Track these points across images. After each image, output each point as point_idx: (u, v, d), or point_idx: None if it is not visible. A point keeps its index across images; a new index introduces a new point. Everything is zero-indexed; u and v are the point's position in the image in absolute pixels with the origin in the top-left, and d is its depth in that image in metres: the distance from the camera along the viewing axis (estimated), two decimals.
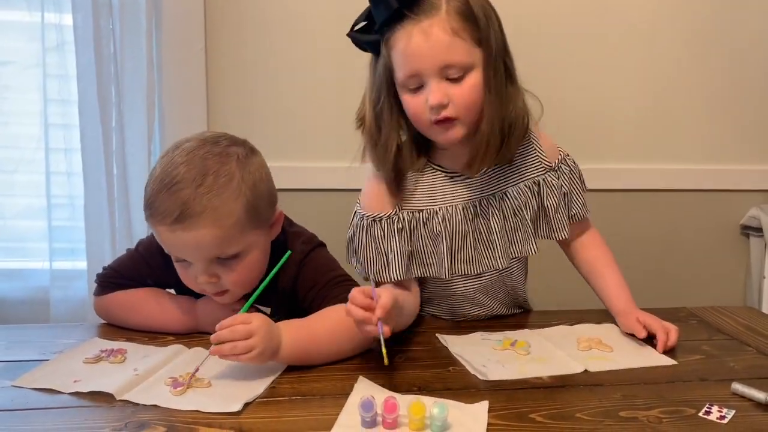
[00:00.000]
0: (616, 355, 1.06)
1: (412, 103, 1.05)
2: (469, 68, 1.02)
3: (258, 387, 0.89)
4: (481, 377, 0.94)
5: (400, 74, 1.04)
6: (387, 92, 1.08)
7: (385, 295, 0.92)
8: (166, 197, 0.97)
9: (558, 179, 1.18)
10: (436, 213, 1.13)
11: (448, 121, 1.04)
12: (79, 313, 1.69)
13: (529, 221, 1.16)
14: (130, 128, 1.65)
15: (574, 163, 1.24)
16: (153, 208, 0.99)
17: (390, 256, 1.12)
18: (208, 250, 1.00)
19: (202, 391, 0.88)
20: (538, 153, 1.18)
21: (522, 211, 1.15)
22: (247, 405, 0.84)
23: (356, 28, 1.08)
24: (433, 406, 0.78)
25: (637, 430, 0.81)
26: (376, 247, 1.13)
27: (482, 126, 1.05)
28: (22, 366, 0.95)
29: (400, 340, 1.09)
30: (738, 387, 0.91)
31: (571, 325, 1.20)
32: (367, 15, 1.07)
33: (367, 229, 1.13)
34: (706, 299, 1.64)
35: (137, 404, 0.84)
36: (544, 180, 1.17)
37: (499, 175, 1.16)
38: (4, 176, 1.74)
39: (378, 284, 1.10)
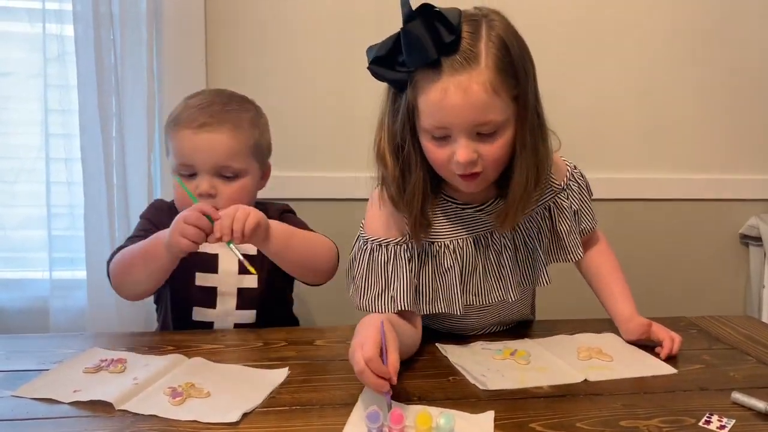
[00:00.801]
0: (616, 364, 1.06)
1: (437, 153, 0.98)
2: (502, 125, 0.96)
3: (257, 397, 0.89)
4: (481, 387, 0.94)
5: (427, 122, 0.96)
6: (411, 135, 1.00)
7: (394, 357, 0.86)
8: (196, 111, 1.18)
9: (567, 199, 1.15)
10: (447, 246, 1.08)
11: (474, 175, 0.99)
12: (79, 323, 1.69)
13: (540, 251, 1.12)
14: (131, 138, 1.65)
15: (581, 175, 1.21)
16: (181, 118, 1.19)
17: (396, 285, 1.04)
18: (219, 155, 1.18)
19: (201, 401, 0.88)
20: (548, 178, 1.11)
21: (534, 241, 1.12)
22: (246, 415, 0.84)
23: (376, 56, 0.97)
24: (439, 416, 0.78)
25: None
26: (379, 274, 1.05)
27: (516, 180, 1.00)
28: (22, 376, 0.95)
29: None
30: (738, 396, 0.91)
31: (572, 334, 1.20)
32: (392, 46, 0.96)
33: (371, 253, 1.07)
34: (706, 308, 1.64)
35: (136, 414, 0.84)
36: (554, 203, 1.13)
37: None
38: (5, 186, 1.74)
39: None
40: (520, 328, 1.24)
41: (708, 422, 0.85)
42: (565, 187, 1.15)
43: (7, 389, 0.90)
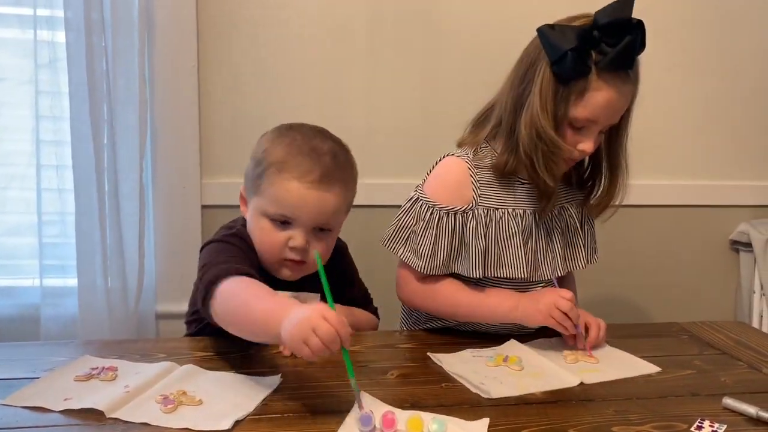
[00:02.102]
0: (603, 365, 1.08)
1: (570, 138, 1.13)
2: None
3: (249, 404, 0.89)
4: (484, 395, 0.94)
5: (583, 111, 1.11)
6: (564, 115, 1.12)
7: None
8: (306, 160, 1.09)
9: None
10: (510, 214, 1.19)
11: (576, 160, 1.18)
12: (70, 331, 1.68)
13: (580, 237, 1.29)
14: (122, 145, 1.65)
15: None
16: (290, 165, 1.09)
17: (465, 251, 1.18)
18: (326, 214, 1.12)
19: (193, 409, 0.87)
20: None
21: (572, 228, 1.27)
22: (238, 422, 0.84)
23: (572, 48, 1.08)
24: (431, 421, 0.78)
25: None
26: (448, 240, 1.18)
27: (614, 166, 1.27)
28: (13, 384, 0.94)
29: (392, 356, 1.09)
30: (729, 402, 0.92)
31: (549, 337, 1.20)
32: (585, 37, 1.08)
33: (440, 219, 1.18)
34: (697, 314, 1.65)
35: (127, 422, 0.83)
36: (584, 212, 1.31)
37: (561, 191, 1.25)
38: None
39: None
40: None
41: (700, 427, 0.86)
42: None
43: None
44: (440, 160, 1.26)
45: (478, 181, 1.19)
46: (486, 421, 0.85)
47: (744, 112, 2.00)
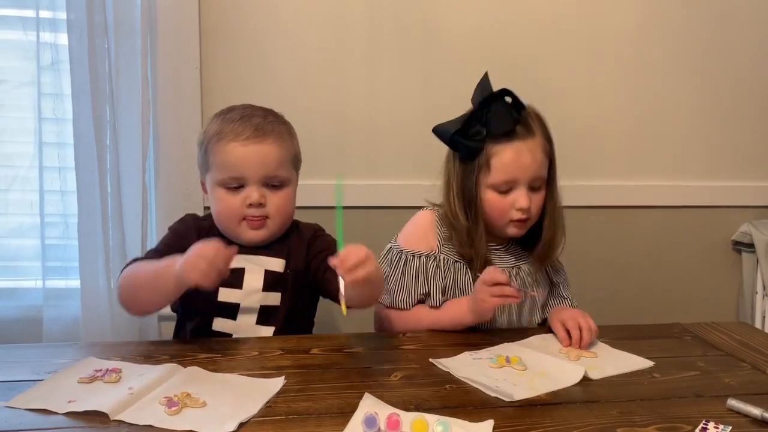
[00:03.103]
0: (601, 361, 1.10)
1: (498, 202, 1.28)
2: (544, 182, 1.30)
3: (253, 406, 0.89)
4: (506, 399, 0.93)
5: (496, 178, 1.26)
6: (477, 191, 1.28)
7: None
8: (238, 123, 1.21)
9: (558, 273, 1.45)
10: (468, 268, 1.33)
11: (524, 221, 1.28)
12: (72, 332, 1.68)
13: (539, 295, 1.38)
14: (125, 147, 1.65)
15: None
16: (225, 132, 1.20)
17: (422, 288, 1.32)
18: (269, 165, 1.20)
19: (197, 411, 0.87)
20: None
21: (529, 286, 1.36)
22: (242, 425, 0.84)
23: (456, 130, 1.27)
24: (436, 423, 0.78)
25: None
26: (412, 277, 1.32)
27: (546, 226, 1.32)
28: (16, 386, 0.94)
29: (395, 358, 1.09)
30: (734, 403, 0.92)
31: (541, 334, 1.23)
32: (467, 122, 1.27)
33: (406, 261, 1.33)
34: (699, 315, 1.65)
35: (132, 424, 0.83)
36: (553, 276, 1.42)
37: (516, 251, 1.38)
38: None
39: None
40: (490, 333, 1.25)
41: (704, 429, 0.86)
42: (562, 272, 1.45)
43: (1, 400, 0.89)
44: (417, 213, 1.42)
45: (442, 234, 1.35)
46: (491, 423, 0.85)
47: (747, 112, 2.00)
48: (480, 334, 1.23)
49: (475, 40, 1.83)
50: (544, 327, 1.31)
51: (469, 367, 1.06)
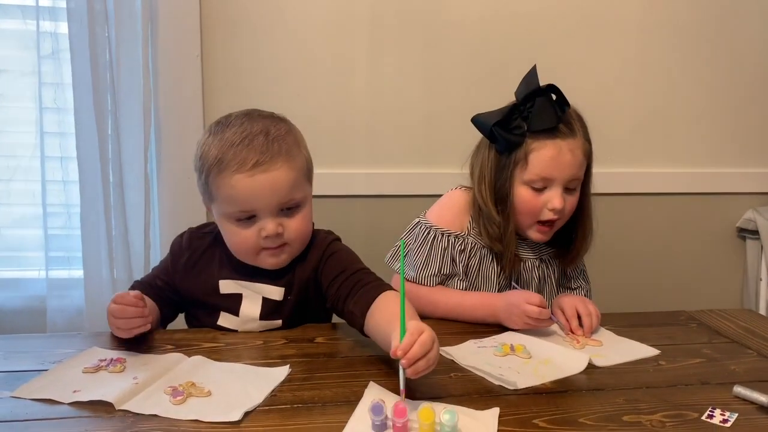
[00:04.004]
0: (606, 349, 1.10)
1: (531, 200, 1.24)
2: (580, 182, 1.27)
3: (258, 395, 0.89)
4: (510, 387, 0.93)
5: (533, 173, 1.22)
6: (511, 186, 1.25)
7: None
8: (239, 149, 1.05)
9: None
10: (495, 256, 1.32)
11: (551, 223, 1.26)
12: (76, 322, 1.68)
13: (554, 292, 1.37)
14: (127, 136, 1.64)
15: None
16: (226, 162, 1.05)
17: (453, 270, 1.31)
18: (281, 192, 1.07)
19: (202, 400, 0.87)
20: None
21: (549, 282, 1.36)
22: (247, 414, 0.84)
23: (496, 121, 1.24)
24: (443, 412, 0.78)
25: None
26: (435, 255, 1.30)
27: (579, 230, 1.33)
28: (21, 376, 0.94)
29: None
30: (740, 390, 0.92)
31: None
32: (508, 114, 1.24)
33: (434, 238, 1.30)
34: (703, 302, 1.64)
35: (137, 414, 0.83)
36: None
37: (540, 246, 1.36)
38: (0, 185, 1.73)
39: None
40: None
41: (711, 416, 0.85)
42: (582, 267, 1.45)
43: (6, 390, 0.89)
44: (450, 191, 1.39)
45: (474, 215, 1.32)
46: (496, 410, 0.85)
47: (751, 99, 1.99)
48: (484, 323, 1.23)
49: (478, 29, 1.82)
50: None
51: (474, 355, 1.06)
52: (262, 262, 1.13)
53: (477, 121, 1.28)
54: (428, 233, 1.31)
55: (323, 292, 1.15)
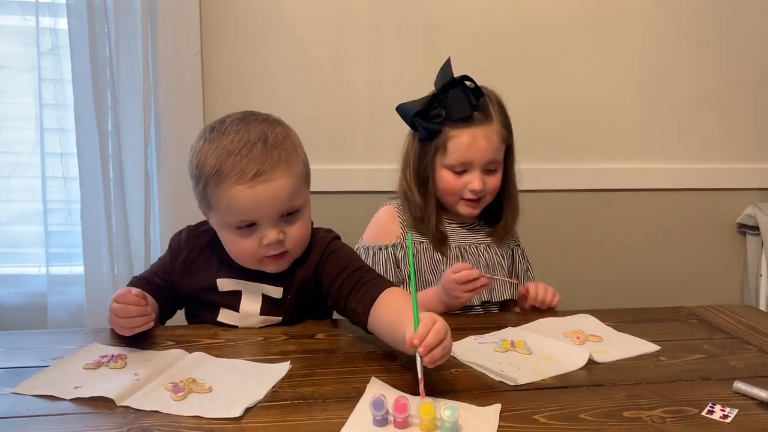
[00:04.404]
0: (606, 345, 1.10)
1: (454, 183, 1.33)
2: (500, 165, 1.35)
3: (259, 391, 0.89)
4: (510, 383, 0.93)
5: (452, 158, 1.31)
6: (431, 171, 1.34)
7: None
8: (238, 159, 1.03)
9: (523, 259, 1.48)
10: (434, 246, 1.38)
11: (476, 201, 1.34)
12: (77, 318, 1.68)
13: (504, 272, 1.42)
14: (126, 132, 1.64)
15: None
16: (224, 173, 1.03)
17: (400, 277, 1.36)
18: (282, 201, 1.06)
19: (203, 397, 0.87)
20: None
21: (497, 263, 1.41)
22: (248, 410, 0.84)
23: (417, 111, 1.32)
24: (444, 408, 0.78)
25: (641, 430, 0.81)
26: (385, 270, 1.34)
27: (505, 208, 1.39)
28: (22, 372, 0.94)
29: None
30: (740, 386, 0.92)
31: (541, 319, 1.22)
32: (429, 104, 1.32)
33: (373, 256, 1.36)
34: (703, 298, 1.64)
35: (138, 410, 0.83)
36: (514, 252, 1.45)
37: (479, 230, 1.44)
38: (0, 181, 1.73)
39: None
40: (498, 316, 1.28)
41: (711, 412, 0.85)
42: (521, 246, 1.48)
43: (7, 386, 0.90)
44: (382, 207, 1.46)
45: (404, 221, 1.40)
46: (498, 407, 0.85)
47: (751, 95, 1.99)
48: (484, 318, 1.23)
49: (478, 26, 1.82)
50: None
51: (474, 351, 1.06)
52: (264, 268, 1.13)
53: (401, 110, 1.35)
54: (368, 253, 1.38)
55: (324, 290, 1.15)
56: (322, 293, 1.15)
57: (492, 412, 0.84)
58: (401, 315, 0.94)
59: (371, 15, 1.77)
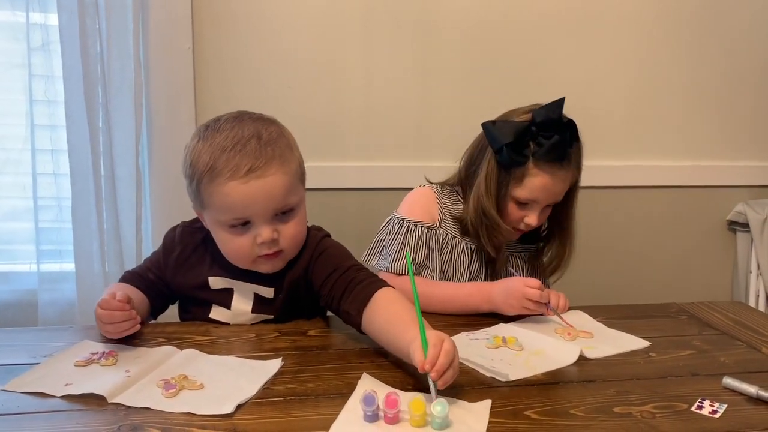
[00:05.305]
0: (597, 341, 1.10)
1: (514, 213, 1.32)
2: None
3: (251, 388, 0.89)
4: (501, 379, 0.94)
5: (522, 193, 1.29)
6: (506, 195, 1.31)
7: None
8: (232, 155, 1.02)
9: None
10: (465, 247, 1.38)
11: (525, 230, 1.35)
12: (68, 316, 1.68)
13: None
14: (118, 129, 1.63)
15: None
16: (218, 169, 1.02)
17: (427, 261, 1.35)
18: (276, 198, 1.05)
19: (195, 393, 0.87)
20: None
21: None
22: (240, 406, 0.84)
23: (508, 143, 1.26)
24: (434, 403, 0.78)
25: (631, 425, 0.82)
26: (415, 246, 1.34)
27: (559, 242, 1.40)
28: (12, 370, 0.93)
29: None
30: (729, 381, 0.92)
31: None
32: (521, 134, 1.26)
33: (408, 230, 1.35)
34: (694, 294, 1.65)
35: (129, 407, 0.83)
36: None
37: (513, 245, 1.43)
38: None
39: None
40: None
41: (700, 407, 0.86)
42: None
43: None
44: (416, 188, 1.45)
45: (442, 209, 1.38)
46: (488, 402, 0.85)
47: (742, 92, 2.00)
48: (476, 315, 1.23)
49: (471, 21, 1.82)
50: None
51: (466, 347, 1.06)
52: (258, 268, 1.12)
53: (488, 130, 1.30)
54: (402, 225, 1.36)
55: (315, 291, 1.14)
56: (314, 293, 1.15)
57: (482, 407, 0.84)
58: (398, 321, 0.95)
59: (363, 12, 1.77)
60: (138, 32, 1.62)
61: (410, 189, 1.44)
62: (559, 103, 1.26)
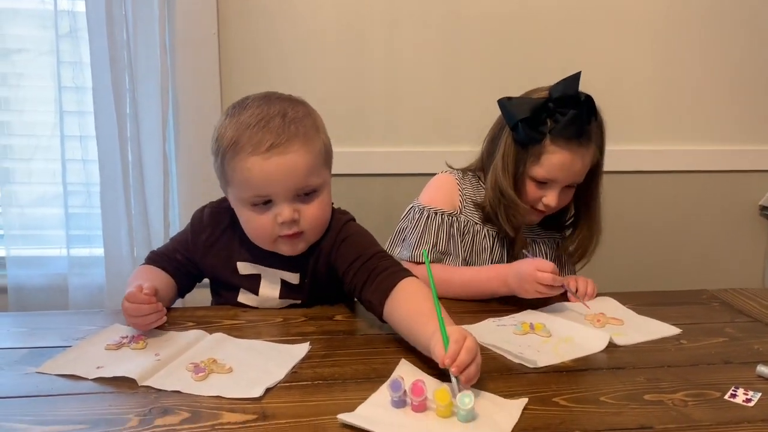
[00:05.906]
0: (627, 328, 1.09)
1: (532, 192, 1.30)
2: (580, 181, 1.31)
3: (279, 372, 0.89)
4: (530, 365, 0.93)
5: (540, 171, 1.26)
6: (524, 173, 1.29)
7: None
8: (255, 131, 1.02)
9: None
10: (486, 233, 1.36)
11: (545, 211, 1.32)
12: (97, 300, 1.70)
13: None
14: (144, 115, 1.65)
15: None
16: (241, 144, 1.03)
17: (448, 249, 1.34)
18: (297, 176, 1.04)
19: (224, 377, 0.88)
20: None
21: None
22: (268, 390, 0.84)
23: (524, 118, 1.24)
24: (462, 395, 0.77)
25: (663, 413, 0.80)
26: (436, 234, 1.33)
27: (584, 225, 1.37)
28: (46, 352, 0.95)
29: None
30: (763, 369, 0.91)
31: (561, 302, 1.21)
32: (537, 109, 1.24)
33: (429, 218, 1.34)
34: (725, 281, 1.63)
35: (160, 390, 0.84)
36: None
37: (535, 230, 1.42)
38: (21, 164, 1.74)
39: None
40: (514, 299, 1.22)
41: (734, 395, 0.85)
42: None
43: (31, 365, 0.91)
44: (438, 175, 1.43)
45: (464, 195, 1.37)
46: (524, 401, 0.82)
47: None
48: (503, 300, 1.22)
49: (497, 5, 1.79)
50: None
51: (493, 333, 1.06)
52: (279, 249, 1.11)
53: (504, 107, 1.28)
54: (422, 213, 1.35)
55: (339, 276, 1.13)
56: (339, 278, 1.14)
57: (516, 406, 0.81)
58: (419, 314, 0.94)
59: None
60: (164, 18, 1.62)
61: (434, 174, 1.43)
62: (576, 77, 1.23)
